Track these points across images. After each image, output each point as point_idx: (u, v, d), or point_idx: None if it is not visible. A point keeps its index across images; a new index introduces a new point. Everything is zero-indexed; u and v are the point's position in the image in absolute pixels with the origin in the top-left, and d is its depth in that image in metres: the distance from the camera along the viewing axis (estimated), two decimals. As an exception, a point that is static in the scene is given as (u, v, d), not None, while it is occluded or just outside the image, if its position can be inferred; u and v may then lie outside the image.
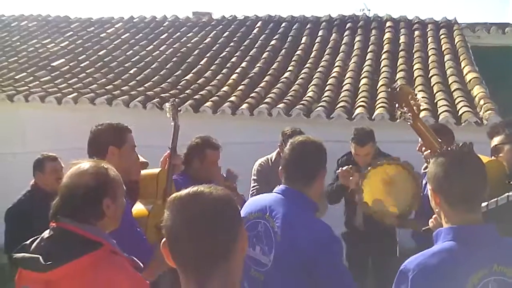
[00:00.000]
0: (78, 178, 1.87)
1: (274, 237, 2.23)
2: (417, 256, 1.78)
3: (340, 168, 3.79)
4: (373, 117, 6.42)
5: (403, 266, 1.78)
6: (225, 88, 7.85)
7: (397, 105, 2.74)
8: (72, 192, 1.86)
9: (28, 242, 1.85)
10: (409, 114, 2.64)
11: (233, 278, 1.30)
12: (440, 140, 2.78)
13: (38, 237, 1.86)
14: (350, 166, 3.75)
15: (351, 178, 3.61)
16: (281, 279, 2.20)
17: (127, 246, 2.01)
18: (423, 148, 3.21)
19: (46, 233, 1.86)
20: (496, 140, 2.82)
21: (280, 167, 2.40)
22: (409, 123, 2.73)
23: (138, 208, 2.96)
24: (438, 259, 1.71)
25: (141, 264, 1.98)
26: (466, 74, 7.62)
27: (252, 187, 4.32)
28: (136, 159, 2.86)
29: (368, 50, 8.98)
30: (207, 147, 3.71)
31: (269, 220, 2.28)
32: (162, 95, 7.57)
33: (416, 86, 7.21)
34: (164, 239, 1.30)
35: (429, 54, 8.61)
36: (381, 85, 7.46)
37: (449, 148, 1.87)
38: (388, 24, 10.12)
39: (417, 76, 7.66)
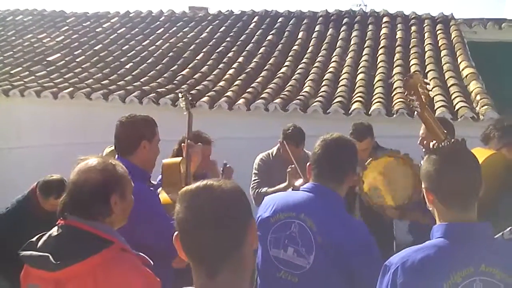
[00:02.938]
0: (85, 175, 1.84)
1: (314, 238, 2.13)
2: (403, 251, 1.75)
3: None
4: (369, 112, 6.43)
5: (388, 260, 1.75)
6: (221, 83, 7.84)
7: (405, 93, 2.72)
8: (79, 189, 1.83)
9: (34, 239, 1.82)
10: (417, 102, 2.62)
11: (242, 271, 1.30)
12: (445, 132, 2.77)
13: (45, 234, 1.82)
14: None
15: None
16: (320, 281, 2.12)
17: (161, 235, 1.99)
18: (425, 142, 3.20)
19: (54, 231, 1.82)
20: (493, 146, 2.83)
21: (309, 163, 2.31)
22: (416, 111, 2.72)
23: (162, 196, 2.92)
24: (421, 255, 1.68)
25: (151, 261, 1.93)
26: (463, 69, 7.63)
27: (253, 180, 4.32)
28: (158, 152, 2.82)
29: (365, 46, 8.98)
30: (199, 142, 3.70)
31: (305, 220, 2.17)
32: (158, 90, 7.54)
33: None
34: (176, 232, 1.30)
35: (426, 49, 8.60)
36: (378, 81, 7.47)
37: (441, 145, 1.84)
38: (384, 19, 10.11)
39: (413, 72, 7.66)
